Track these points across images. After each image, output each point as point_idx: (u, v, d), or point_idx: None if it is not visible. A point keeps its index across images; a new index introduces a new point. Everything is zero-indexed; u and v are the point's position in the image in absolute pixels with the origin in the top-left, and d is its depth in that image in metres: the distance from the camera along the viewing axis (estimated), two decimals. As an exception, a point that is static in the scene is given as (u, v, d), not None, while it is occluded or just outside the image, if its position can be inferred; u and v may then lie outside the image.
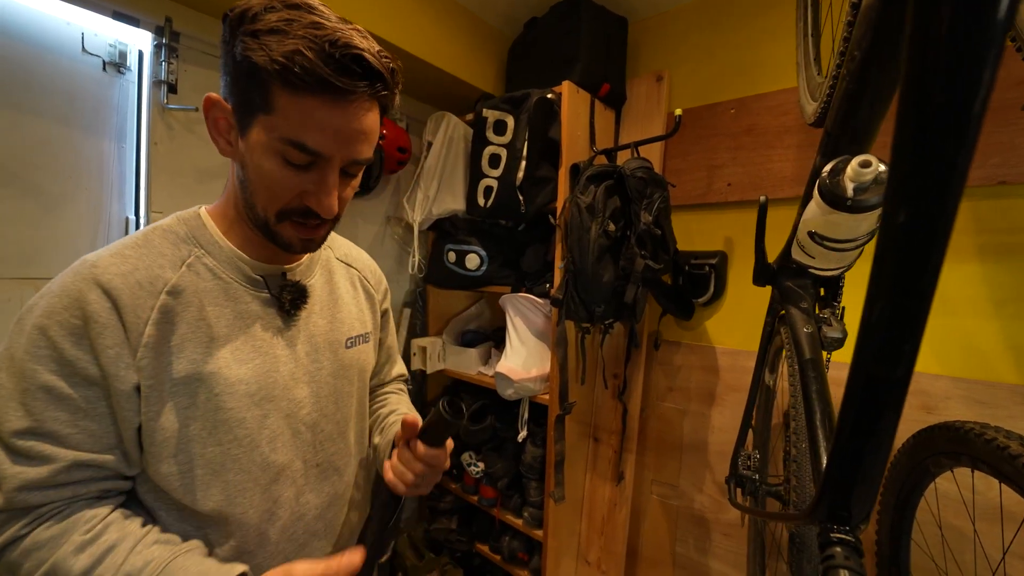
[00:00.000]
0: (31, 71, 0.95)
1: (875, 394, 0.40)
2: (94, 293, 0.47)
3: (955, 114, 0.30)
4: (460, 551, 1.60)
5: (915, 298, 0.37)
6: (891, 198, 0.35)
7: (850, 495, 0.45)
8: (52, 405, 0.46)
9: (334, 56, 0.45)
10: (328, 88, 0.45)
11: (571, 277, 1.24)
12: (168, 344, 0.50)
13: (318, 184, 0.51)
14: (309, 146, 0.48)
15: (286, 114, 0.46)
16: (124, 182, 1.08)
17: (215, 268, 0.55)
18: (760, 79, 1.34)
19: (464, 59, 1.51)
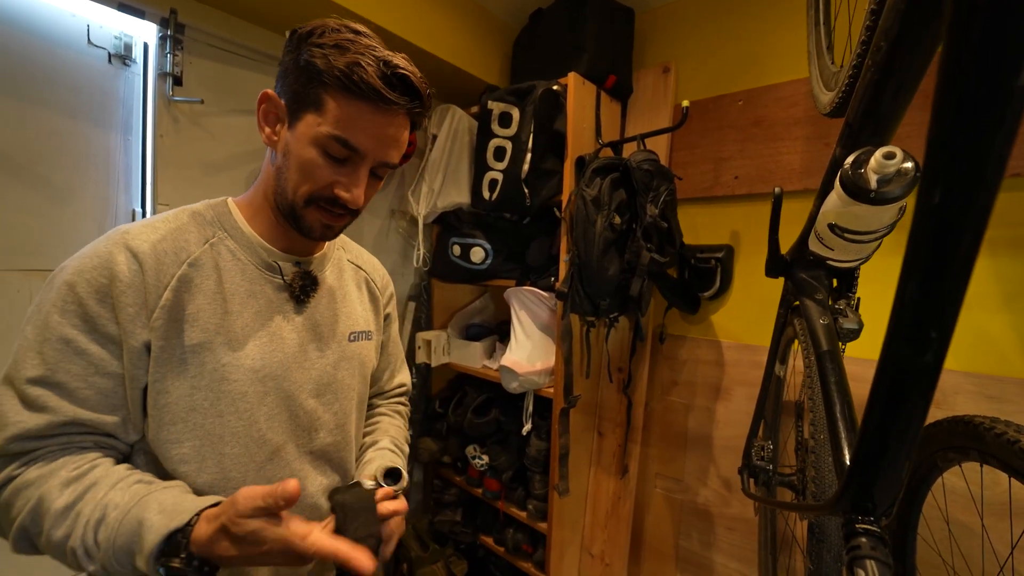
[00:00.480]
0: (37, 63, 0.95)
1: (904, 383, 0.40)
2: (123, 255, 0.52)
3: (994, 91, 0.30)
4: (464, 543, 1.61)
5: (951, 283, 0.36)
6: (928, 177, 0.34)
7: (874, 486, 0.45)
8: (68, 357, 0.50)
9: (387, 73, 0.53)
10: (377, 97, 0.53)
11: (576, 270, 1.23)
12: (184, 311, 0.54)
13: (350, 176, 0.57)
14: (351, 143, 0.54)
15: (338, 116, 0.53)
16: (130, 174, 1.09)
17: (235, 250, 0.60)
18: (769, 70, 1.32)
19: (469, 51, 1.50)
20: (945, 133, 0.32)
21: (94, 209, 1.04)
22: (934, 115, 0.32)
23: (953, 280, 0.34)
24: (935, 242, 0.34)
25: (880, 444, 0.43)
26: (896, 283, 0.38)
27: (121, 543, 0.46)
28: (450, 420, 1.59)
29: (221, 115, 1.19)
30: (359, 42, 0.54)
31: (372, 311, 0.77)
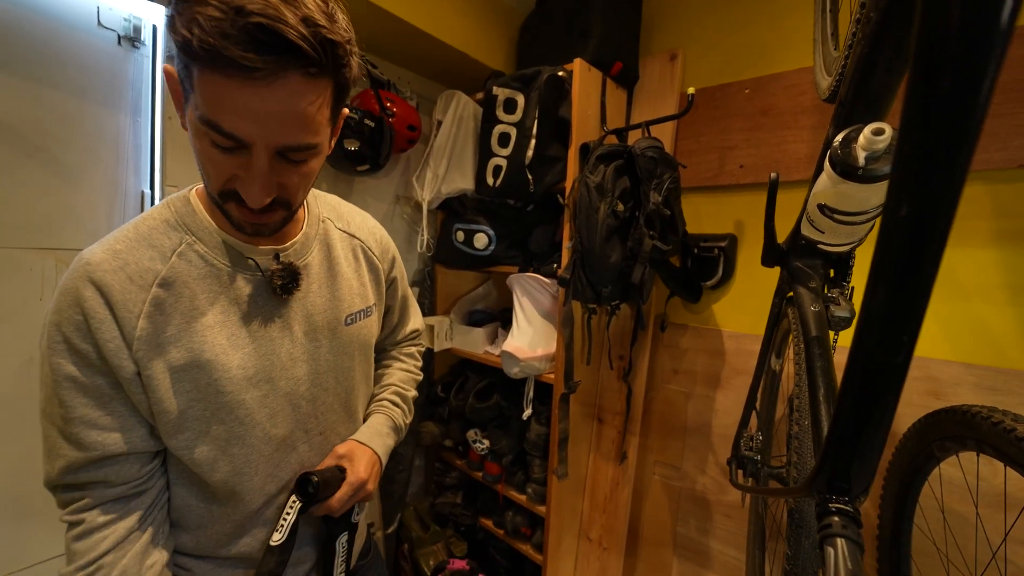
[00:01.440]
0: (49, 44, 0.96)
1: (877, 379, 0.41)
2: (89, 290, 0.48)
3: (959, 105, 0.30)
4: (465, 525, 1.64)
5: (916, 286, 0.37)
6: (894, 190, 0.35)
7: (850, 466, 0.46)
8: (79, 393, 0.50)
9: (247, 30, 0.38)
10: (233, 65, 0.39)
11: (579, 257, 1.24)
12: (164, 335, 0.51)
13: (244, 170, 0.46)
14: (225, 129, 0.43)
15: (202, 93, 0.42)
16: (140, 156, 1.10)
17: (206, 255, 0.54)
18: (777, 58, 1.31)
19: (475, 36, 1.50)
20: (913, 148, 0.32)
21: (105, 189, 1.06)
22: (901, 133, 0.32)
23: (922, 287, 0.35)
24: (904, 254, 0.34)
25: (855, 426, 0.44)
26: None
27: None
28: (452, 404, 1.61)
29: (228, 98, 1.21)
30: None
31: (372, 282, 0.73)
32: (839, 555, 0.45)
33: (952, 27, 0.29)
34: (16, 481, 0.96)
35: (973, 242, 1.07)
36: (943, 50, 0.29)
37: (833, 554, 0.46)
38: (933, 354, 1.10)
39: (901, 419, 1.10)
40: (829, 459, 0.46)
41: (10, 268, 0.94)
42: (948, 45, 0.29)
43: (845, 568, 0.45)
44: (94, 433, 0.50)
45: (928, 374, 1.10)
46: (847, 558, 0.45)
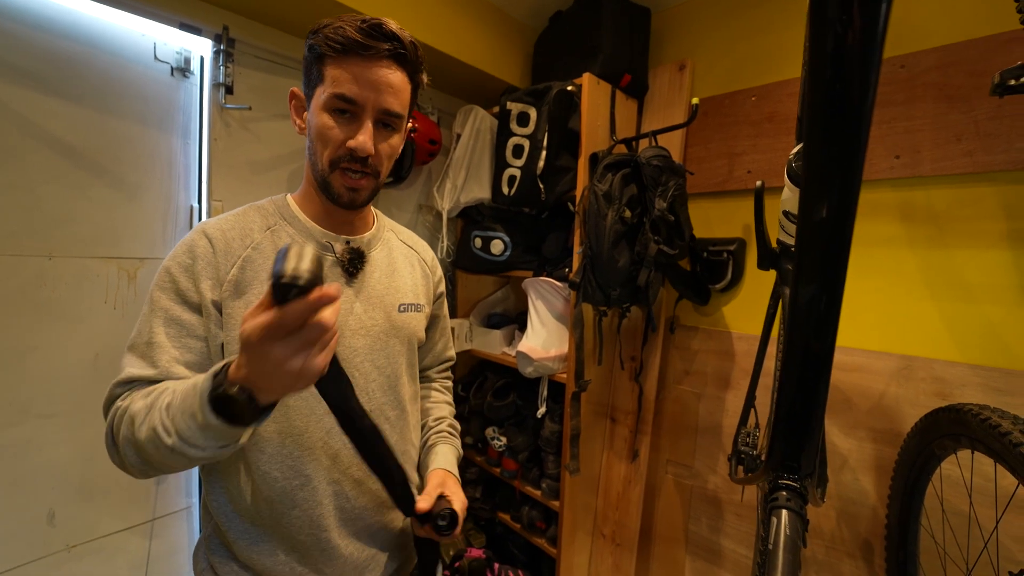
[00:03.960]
0: (114, 78, 1.10)
1: (812, 363, 0.46)
2: (202, 239, 0.65)
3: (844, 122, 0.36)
4: (484, 518, 1.71)
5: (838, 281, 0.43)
6: (804, 200, 0.41)
7: (798, 446, 0.51)
8: (166, 323, 0.61)
9: (364, 28, 0.61)
10: (359, 48, 0.61)
11: (588, 262, 1.30)
12: (249, 286, 0.64)
13: (355, 127, 0.64)
14: (347, 95, 0.62)
15: (333, 76, 0.62)
16: (189, 174, 1.23)
17: (293, 235, 0.70)
18: (783, 65, 1.34)
19: (492, 54, 1.58)
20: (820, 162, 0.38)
21: (160, 204, 1.19)
22: (805, 151, 0.38)
23: (839, 278, 0.41)
24: (824, 250, 0.40)
25: (797, 409, 0.49)
26: (891, 276, 0.42)
27: (184, 406, 0.50)
28: (471, 403, 1.69)
29: (266, 120, 1.33)
30: (351, 16, 0.63)
31: (423, 286, 0.84)
32: (781, 523, 0.51)
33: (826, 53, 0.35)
34: (85, 464, 1.09)
35: (980, 243, 1.08)
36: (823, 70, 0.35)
37: (776, 522, 0.51)
38: (940, 355, 1.11)
39: (906, 419, 1.12)
40: (778, 441, 0.51)
41: (81, 276, 1.07)
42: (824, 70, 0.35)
43: (784, 534, 0.50)
44: (163, 358, 0.60)
45: (935, 375, 1.11)
46: (787, 525, 0.50)
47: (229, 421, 0.47)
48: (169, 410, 0.51)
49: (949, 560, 0.98)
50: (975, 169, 1.07)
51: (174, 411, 0.50)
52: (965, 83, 1.08)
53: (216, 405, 0.47)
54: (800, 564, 0.49)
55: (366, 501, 0.72)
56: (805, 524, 0.52)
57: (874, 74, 0.32)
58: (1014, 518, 0.96)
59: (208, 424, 0.47)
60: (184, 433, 0.49)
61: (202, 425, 0.48)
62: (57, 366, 1.05)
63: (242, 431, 0.50)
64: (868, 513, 1.18)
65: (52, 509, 1.05)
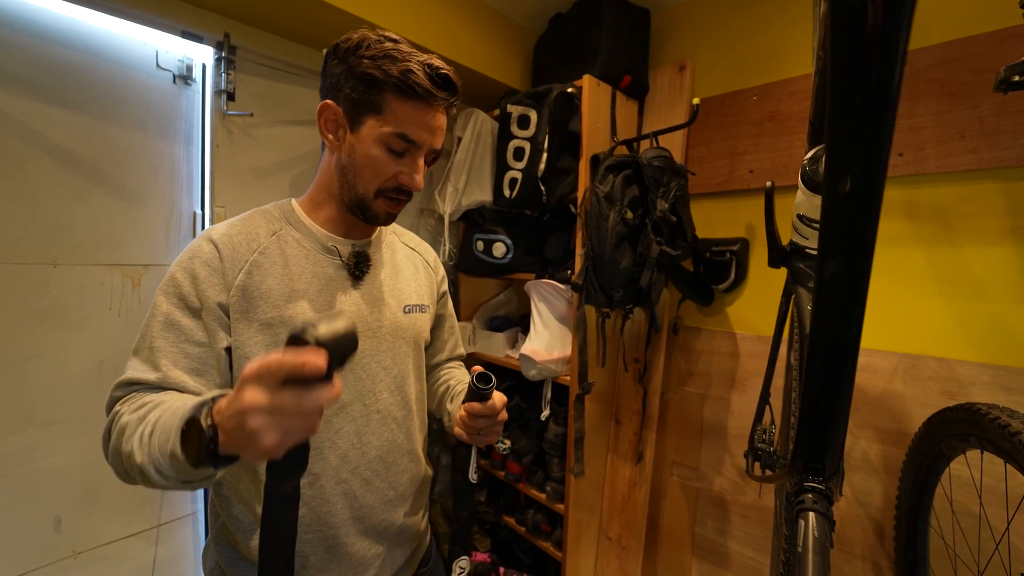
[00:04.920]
0: (116, 86, 1.10)
1: (836, 354, 0.45)
2: (207, 245, 0.65)
3: (874, 97, 0.36)
4: (488, 522, 1.70)
5: (865, 263, 0.42)
6: (829, 173, 0.40)
7: (822, 446, 0.50)
8: (165, 328, 0.61)
9: (432, 75, 0.64)
10: (428, 96, 0.64)
11: (590, 263, 1.29)
12: (257, 291, 0.65)
13: (411, 166, 0.68)
14: (411, 137, 0.65)
15: (398, 115, 0.64)
16: (192, 181, 1.24)
17: (299, 239, 0.71)
18: (783, 64, 1.34)
19: (492, 57, 1.59)
20: (844, 131, 0.38)
21: (163, 211, 1.19)
22: (830, 120, 0.37)
23: (866, 259, 0.40)
24: (848, 227, 0.39)
25: (821, 409, 0.48)
26: (896, 274, 0.41)
27: (166, 426, 0.49)
28: (475, 406, 1.68)
29: (268, 126, 1.33)
30: (401, 50, 0.64)
31: (427, 287, 0.85)
32: (809, 526, 0.50)
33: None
34: (90, 471, 1.09)
35: (987, 240, 1.07)
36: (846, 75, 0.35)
37: (804, 525, 0.50)
38: (947, 354, 1.10)
39: (914, 419, 1.11)
40: (803, 441, 0.51)
41: (84, 283, 1.08)
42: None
43: (813, 537, 0.49)
44: (163, 362, 0.59)
45: (943, 373, 1.10)
46: (815, 528, 0.50)
47: (187, 455, 0.46)
48: (154, 428, 0.50)
49: (960, 561, 0.97)
50: (980, 166, 1.06)
51: (157, 429, 0.50)
52: (968, 80, 1.07)
53: (183, 431, 0.46)
54: (829, 566, 0.48)
55: (374, 500, 0.72)
56: (832, 525, 0.51)
57: (903, 44, 0.32)
58: (1025, 518, 0.95)
59: (174, 451, 0.46)
60: (154, 454, 0.49)
61: (170, 451, 0.47)
62: (61, 373, 1.05)
63: (204, 472, 0.48)
64: (876, 514, 1.17)
65: (58, 516, 1.05)
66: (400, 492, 0.76)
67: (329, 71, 0.67)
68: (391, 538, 0.76)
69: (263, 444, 0.40)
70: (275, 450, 0.41)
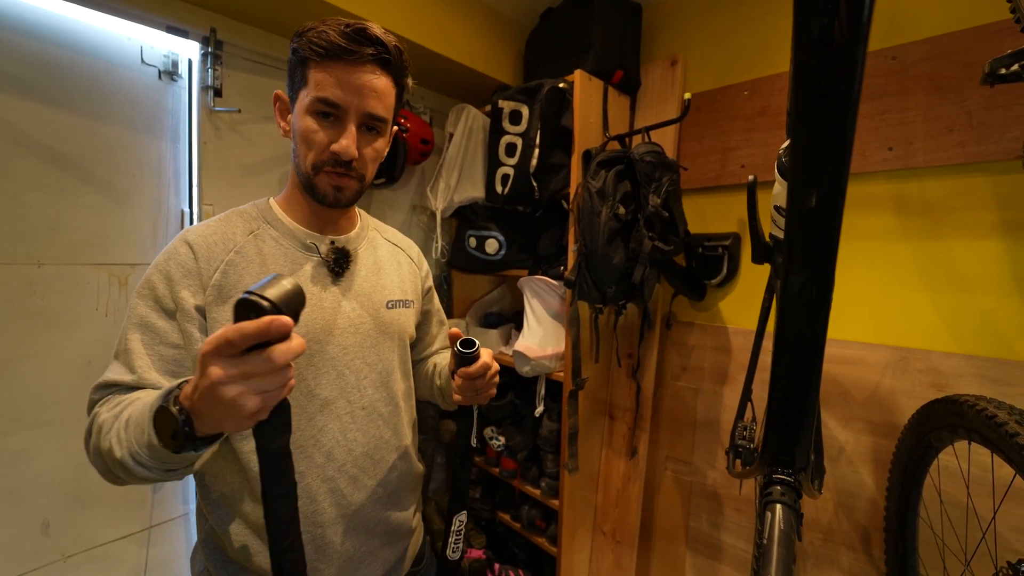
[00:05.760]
0: (100, 82, 1.08)
1: (804, 353, 0.46)
2: (183, 247, 0.64)
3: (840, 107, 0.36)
4: (484, 518, 1.71)
5: (829, 271, 0.42)
6: (793, 191, 0.40)
7: (791, 440, 0.51)
8: (140, 329, 0.61)
9: (348, 32, 0.62)
10: (343, 52, 0.61)
11: (583, 259, 1.29)
12: (233, 289, 0.64)
13: (339, 131, 0.65)
14: (330, 99, 0.62)
15: (316, 80, 0.63)
16: (179, 178, 1.22)
17: (276, 237, 0.70)
18: (774, 59, 1.34)
19: (483, 52, 1.57)
20: (808, 152, 0.38)
21: (150, 210, 1.17)
22: (792, 141, 0.38)
23: (829, 267, 0.40)
24: (815, 239, 0.40)
25: (790, 405, 0.48)
26: (885, 268, 0.40)
27: (139, 419, 0.50)
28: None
29: (256, 122, 1.32)
30: (334, 20, 0.63)
31: (410, 282, 0.85)
32: (775, 518, 0.50)
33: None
34: (79, 473, 1.08)
35: (974, 234, 1.08)
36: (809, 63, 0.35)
37: (770, 517, 0.51)
38: (935, 346, 1.11)
39: (903, 411, 1.12)
40: (772, 435, 0.51)
41: (71, 283, 1.06)
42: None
43: (778, 528, 0.49)
44: (138, 363, 0.59)
45: (930, 366, 1.11)
46: (781, 520, 0.50)
47: (164, 442, 0.46)
48: (128, 422, 0.51)
49: (948, 551, 0.99)
50: (967, 160, 1.07)
51: (131, 423, 0.50)
52: (957, 74, 1.08)
53: (155, 421, 0.46)
54: (794, 558, 0.48)
55: (362, 498, 0.72)
56: (799, 518, 0.51)
57: (860, 60, 0.32)
58: (1012, 508, 0.96)
59: (151, 442, 0.47)
60: (132, 447, 0.49)
61: (147, 442, 0.47)
62: (49, 375, 1.04)
63: (186, 457, 0.48)
64: (866, 505, 1.18)
65: (47, 519, 1.04)
66: (390, 490, 0.76)
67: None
68: (381, 536, 0.75)
69: (246, 409, 0.41)
70: (259, 413, 0.43)
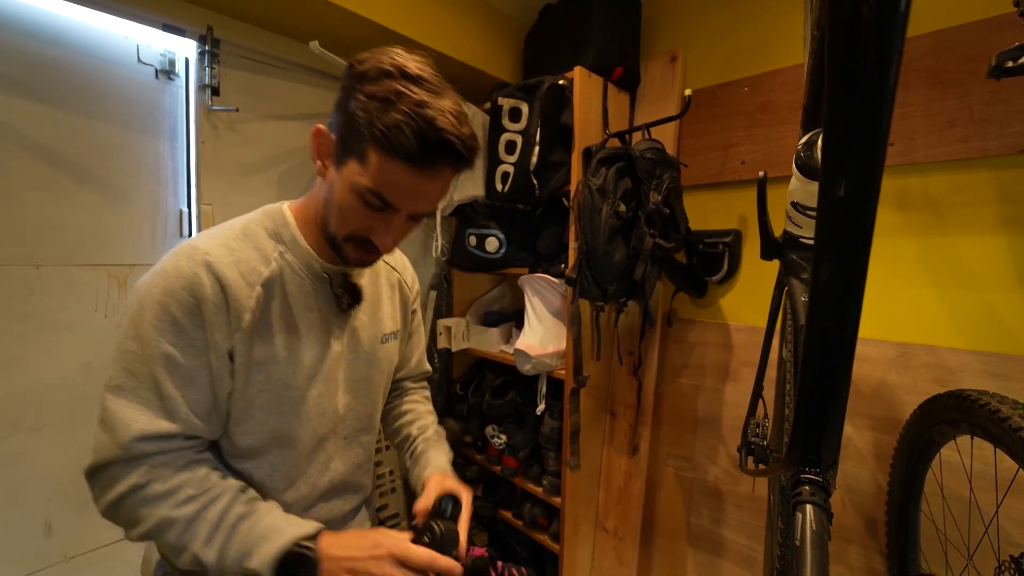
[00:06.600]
0: (97, 82, 1.08)
1: (833, 352, 0.45)
2: (208, 278, 0.56)
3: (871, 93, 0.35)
4: (485, 517, 1.71)
5: (860, 263, 0.42)
6: (826, 174, 0.40)
7: (818, 439, 0.50)
8: (168, 371, 0.55)
9: (427, 138, 0.52)
10: (415, 161, 0.53)
11: (584, 257, 1.29)
12: (258, 330, 0.60)
13: (384, 225, 0.59)
14: (386, 198, 0.56)
15: (375, 169, 0.54)
16: (177, 178, 1.21)
17: (294, 264, 0.64)
18: (775, 55, 1.33)
19: (482, 50, 1.57)
20: (840, 136, 0.37)
21: (148, 210, 1.17)
22: (826, 125, 0.37)
23: (863, 259, 0.40)
24: (843, 229, 0.39)
25: (818, 403, 0.48)
26: (888, 264, 0.40)
27: (239, 545, 0.53)
28: (470, 402, 1.68)
29: (255, 121, 1.31)
30: (407, 96, 0.52)
31: (400, 310, 0.84)
32: (807, 519, 0.50)
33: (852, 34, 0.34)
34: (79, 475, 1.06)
35: (979, 229, 1.07)
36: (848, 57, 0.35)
37: (801, 518, 0.50)
38: (940, 341, 1.11)
39: (905, 406, 1.12)
40: (799, 433, 0.51)
41: (69, 284, 1.06)
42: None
43: (811, 529, 0.49)
44: (176, 409, 0.55)
45: (934, 361, 1.11)
46: (813, 520, 0.50)
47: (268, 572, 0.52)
48: (232, 535, 0.55)
49: (950, 545, 0.99)
50: (970, 155, 1.06)
51: (235, 540, 0.54)
52: (959, 68, 1.07)
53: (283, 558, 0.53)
54: (828, 559, 0.48)
55: (328, 516, 0.74)
56: (830, 517, 0.51)
57: (899, 40, 0.31)
58: (1015, 502, 0.96)
59: (256, 571, 0.52)
60: (226, 561, 0.53)
61: (254, 571, 0.52)
62: (47, 377, 1.03)
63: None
64: (868, 500, 1.18)
65: (48, 520, 1.04)
66: (353, 506, 0.80)
67: (340, 93, 0.58)
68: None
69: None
70: None
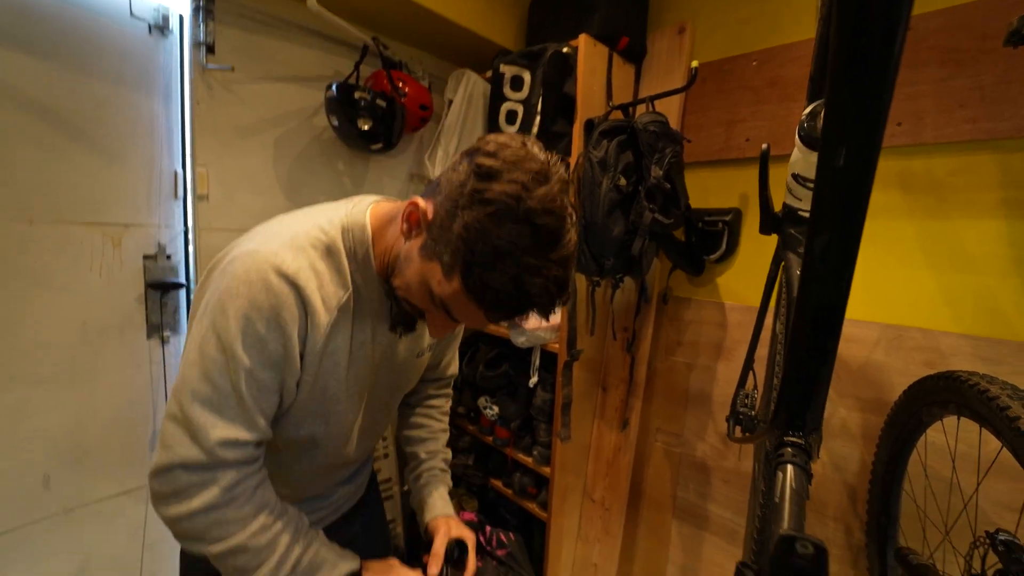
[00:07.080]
0: (86, 34, 1.05)
1: (824, 317, 0.46)
2: (295, 301, 0.56)
3: (875, 68, 0.34)
4: (476, 485, 1.74)
5: (854, 231, 0.41)
6: (826, 144, 0.39)
7: (803, 403, 0.51)
8: (247, 382, 0.56)
9: (516, 307, 0.52)
10: (495, 318, 0.55)
11: (582, 231, 1.28)
12: (326, 349, 0.61)
13: (442, 320, 0.60)
14: (453, 314, 0.57)
15: (453, 292, 0.53)
16: (172, 138, 1.20)
17: (362, 287, 0.63)
18: (786, 28, 1.29)
19: (484, 15, 1.52)
20: (842, 105, 0.36)
21: (142, 169, 1.15)
22: (829, 93, 0.36)
23: (857, 229, 0.40)
24: (840, 199, 0.39)
25: (806, 368, 0.49)
26: (885, 245, 0.39)
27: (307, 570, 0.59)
28: (464, 373, 1.69)
29: (251, 82, 1.28)
30: (520, 259, 0.49)
31: None
32: (787, 477, 0.51)
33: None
34: (78, 431, 1.10)
35: (978, 212, 1.06)
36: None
37: (782, 477, 0.52)
38: (933, 325, 1.11)
39: (895, 388, 1.13)
40: (785, 398, 0.51)
41: (64, 242, 1.05)
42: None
43: (790, 487, 0.50)
44: (254, 418, 0.57)
45: (926, 344, 1.11)
46: (793, 479, 0.51)
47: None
48: (296, 569, 0.59)
49: (928, 523, 1.01)
50: (977, 136, 1.04)
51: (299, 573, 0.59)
52: (973, 46, 1.04)
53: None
54: (805, 515, 0.49)
55: (337, 499, 0.80)
56: (809, 478, 0.52)
57: (906, 9, 0.31)
58: (994, 483, 0.98)
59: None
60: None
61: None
62: (44, 334, 1.04)
63: None
64: (852, 478, 1.21)
65: (47, 473, 1.06)
66: (357, 486, 0.85)
67: (455, 168, 0.53)
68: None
69: None
70: None
